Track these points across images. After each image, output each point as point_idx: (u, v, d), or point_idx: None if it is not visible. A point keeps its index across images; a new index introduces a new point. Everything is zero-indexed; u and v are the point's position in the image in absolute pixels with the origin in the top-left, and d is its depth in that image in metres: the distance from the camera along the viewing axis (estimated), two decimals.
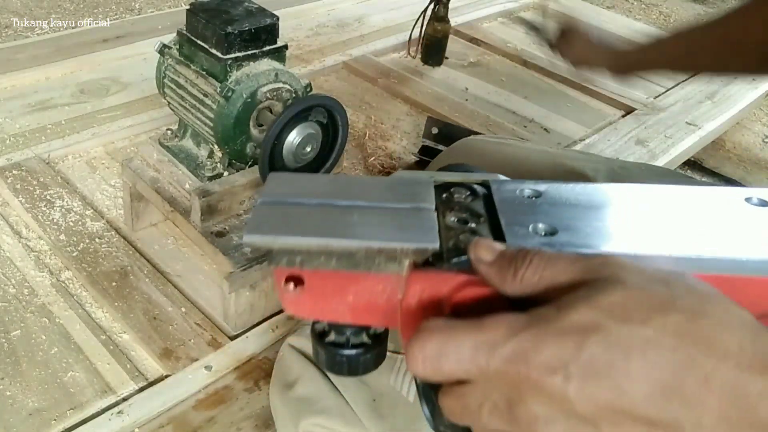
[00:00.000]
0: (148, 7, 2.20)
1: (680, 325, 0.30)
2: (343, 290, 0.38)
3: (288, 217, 0.38)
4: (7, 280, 0.89)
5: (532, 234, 0.38)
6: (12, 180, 1.04)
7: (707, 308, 0.31)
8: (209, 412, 0.76)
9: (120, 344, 0.83)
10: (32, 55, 1.40)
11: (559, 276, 0.33)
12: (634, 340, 0.30)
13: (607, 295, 0.31)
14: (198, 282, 0.93)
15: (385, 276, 0.37)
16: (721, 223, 0.39)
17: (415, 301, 0.37)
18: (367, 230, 0.37)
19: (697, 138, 1.42)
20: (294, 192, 0.41)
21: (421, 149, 1.23)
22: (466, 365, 0.32)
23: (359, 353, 0.40)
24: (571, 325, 0.31)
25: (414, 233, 0.37)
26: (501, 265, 0.35)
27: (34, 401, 0.75)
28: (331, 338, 0.40)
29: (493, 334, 0.32)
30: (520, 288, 0.34)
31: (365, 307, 0.38)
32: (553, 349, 0.30)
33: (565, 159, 0.86)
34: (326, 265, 0.37)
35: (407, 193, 0.41)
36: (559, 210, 0.41)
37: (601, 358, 0.30)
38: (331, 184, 0.42)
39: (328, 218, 0.38)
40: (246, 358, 0.83)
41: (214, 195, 0.85)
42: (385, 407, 0.60)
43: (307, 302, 0.38)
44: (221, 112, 0.83)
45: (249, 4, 0.87)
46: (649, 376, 0.29)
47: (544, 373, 0.30)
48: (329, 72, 1.52)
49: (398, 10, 1.83)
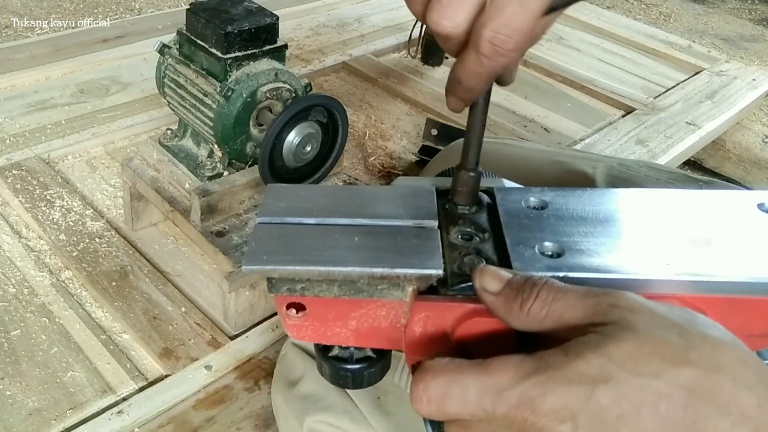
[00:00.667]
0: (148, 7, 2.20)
1: (694, 380, 0.29)
2: (346, 316, 0.37)
3: (287, 242, 0.37)
4: (7, 279, 0.89)
5: (539, 255, 0.37)
6: (12, 180, 1.04)
7: (722, 361, 0.30)
8: (209, 412, 0.76)
9: (120, 344, 0.83)
10: (32, 55, 1.40)
11: (567, 313, 0.32)
12: (645, 393, 0.29)
13: (617, 344, 0.30)
14: (198, 282, 0.93)
15: (388, 302, 0.36)
16: (731, 235, 0.38)
17: (419, 327, 0.36)
18: (368, 255, 0.36)
19: (697, 138, 1.42)
20: (292, 208, 0.40)
21: (421, 149, 1.23)
22: (472, 408, 0.32)
23: (363, 367, 0.40)
24: (580, 374, 0.30)
25: (417, 259, 0.36)
26: (507, 296, 0.34)
27: (34, 401, 0.75)
28: (335, 352, 0.40)
29: (499, 379, 0.31)
30: (527, 321, 0.33)
31: (368, 332, 0.38)
32: (562, 397, 0.30)
33: (563, 157, 0.85)
34: (328, 293, 0.36)
35: (410, 206, 0.40)
36: (565, 225, 0.39)
37: (610, 410, 0.29)
38: (331, 198, 0.41)
39: (328, 241, 0.37)
40: (246, 357, 0.83)
41: (214, 195, 0.85)
42: (390, 405, 0.60)
43: (310, 328, 0.38)
44: (221, 111, 0.83)
45: (249, 4, 0.87)
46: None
47: (552, 422, 0.30)
48: (329, 72, 1.52)
49: (398, 10, 1.82)
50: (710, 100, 1.56)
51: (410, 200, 0.41)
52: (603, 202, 0.41)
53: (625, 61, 1.71)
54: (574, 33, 1.87)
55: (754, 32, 2.30)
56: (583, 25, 1.90)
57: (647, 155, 1.32)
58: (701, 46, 1.90)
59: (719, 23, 2.57)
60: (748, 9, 2.76)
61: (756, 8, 2.77)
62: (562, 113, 1.45)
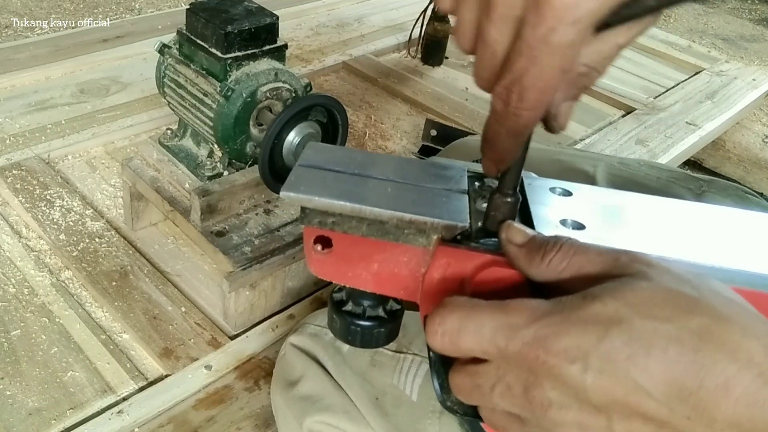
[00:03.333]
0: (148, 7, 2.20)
1: (705, 326, 0.30)
2: (369, 257, 0.38)
3: (325, 181, 0.39)
4: (7, 279, 0.89)
5: (561, 226, 0.39)
6: (12, 180, 1.04)
7: (732, 313, 0.30)
8: (209, 412, 0.76)
9: (120, 344, 0.83)
10: (32, 55, 1.40)
11: (586, 266, 0.33)
12: (656, 336, 0.30)
13: (633, 290, 0.31)
14: (198, 281, 0.93)
15: (411, 248, 0.37)
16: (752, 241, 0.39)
17: (438, 275, 0.38)
18: (400, 202, 0.37)
19: (697, 138, 1.42)
20: (332, 160, 0.41)
21: (421, 149, 1.23)
22: (485, 345, 0.32)
23: (374, 325, 0.41)
24: (595, 316, 0.31)
25: (445, 210, 0.37)
26: (531, 247, 0.35)
27: (34, 401, 0.75)
28: (348, 308, 0.41)
29: (515, 317, 0.32)
30: (546, 272, 0.34)
31: (388, 277, 0.39)
32: (575, 337, 0.30)
33: (563, 156, 0.85)
34: (357, 230, 0.37)
35: (441, 176, 0.41)
36: (588, 209, 0.41)
37: (621, 351, 0.30)
38: (367, 159, 0.43)
39: (363, 187, 0.38)
40: (246, 357, 0.83)
41: (214, 194, 0.85)
42: (389, 405, 0.60)
43: (333, 265, 0.39)
44: (221, 111, 0.83)
45: (249, 4, 0.87)
46: (668, 375, 0.29)
47: (563, 361, 0.30)
48: (329, 72, 1.52)
49: (398, 10, 1.83)
50: (710, 100, 1.56)
51: (442, 171, 0.42)
52: (625, 200, 0.43)
53: (625, 61, 1.71)
54: None
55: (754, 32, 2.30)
56: None
57: (647, 155, 1.32)
58: (701, 46, 1.90)
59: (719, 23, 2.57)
60: (748, 9, 2.76)
61: (756, 8, 2.77)
62: None
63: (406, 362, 0.62)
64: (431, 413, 0.58)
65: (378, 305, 0.41)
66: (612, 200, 0.43)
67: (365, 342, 0.41)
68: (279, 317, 0.88)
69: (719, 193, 0.77)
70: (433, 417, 0.57)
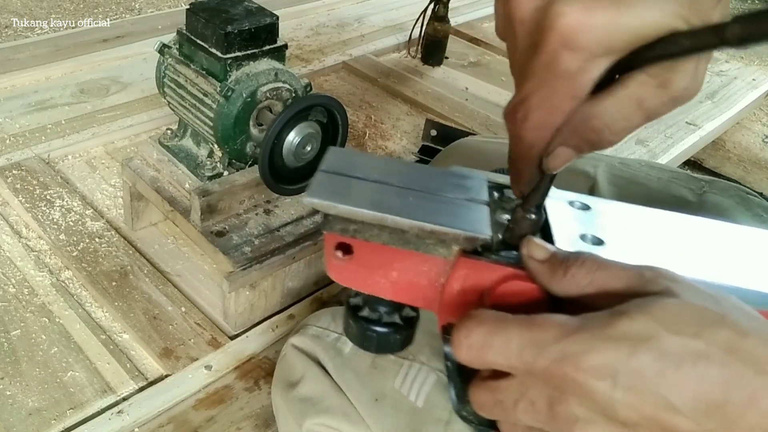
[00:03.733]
0: (148, 7, 2.20)
1: (731, 340, 0.30)
2: (389, 265, 0.38)
3: (348, 188, 0.39)
4: (7, 279, 0.89)
5: (580, 242, 0.39)
6: (12, 180, 1.04)
7: (756, 327, 0.31)
8: (209, 412, 0.76)
9: (120, 344, 0.83)
10: (32, 55, 1.40)
11: (610, 281, 0.33)
12: (685, 352, 0.30)
13: (661, 307, 0.31)
14: (198, 282, 0.93)
15: (432, 257, 0.37)
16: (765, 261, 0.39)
17: (458, 286, 0.38)
18: (421, 212, 0.37)
19: (697, 138, 1.42)
20: (354, 166, 0.41)
21: (421, 149, 1.23)
22: (513, 360, 0.32)
23: (390, 332, 0.41)
24: (624, 333, 0.30)
25: (466, 221, 0.37)
26: (553, 263, 0.35)
27: (34, 401, 0.75)
28: (364, 313, 0.41)
29: (543, 333, 0.32)
30: (569, 287, 0.34)
31: (407, 286, 0.39)
32: (604, 354, 0.30)
33: None
34: (378, 238, 0.37)
35: (462, 186, 0.42)
36: (607, 224, 0.41)
37: (650, 368, 0.30)
38: (389, 166, 0.43)
39: (385, 195, 0.39)
40: (246, 357, 0.83)
41: (214, 194, 0.85)
42: (388, 408, 0.60)
43: (353, 271, 0.39)
44: (221, 111, 0.83)
45: (249, 4, 0.87)
46: (697, 390, 0.29)
47: (592, 377, 0.30)
48: (329, 72, 1.52)
49: (398, 10, 1.83)
50: (710, 100, 1.56)
51: (463, 181, 0.42)
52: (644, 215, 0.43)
53: None
54: None
55: None
56: None
57: (647, 155, 1.32)
58: None
59: None
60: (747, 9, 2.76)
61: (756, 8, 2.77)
62: None
63: (412, 369, 0.61)
64: (436, 421, 0.58)
65: (394, 312, 0.41)
66: (630, 215, 0.43)
67: (381, 348, 0.41)
68: (279, 317, 0.88)
69: (720, 194, 0.77)
70: (438, 426, 0.57)
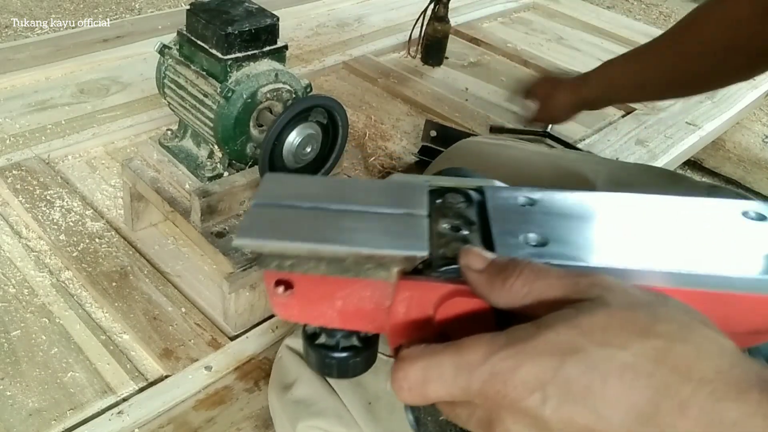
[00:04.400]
0: (148, 7, 2.20)
1: (658, 350, 0.30)
2: (332, 295, 0.38)
3: (279, 221, 0.38)
4: (7, 280, 0.89)
5: (523, 244, 0.38)
6: (12, 180, 1.04)
7: (687, 335, 0.31)
8: (209, 413, 0.76)
9: (120, 344, 0.83)
10: (32, 55, 1.40)
11: (548, 291, 0.33)
12: (612, 363, 0.30)
13: (588, 317, 0.31)
14: (198, 282, 0.93)
15: (373, 282, 0.37)
16: (715, 239, 0.39)
17: (403, 308, 0.37)
18: (357, 236, 0.37)
19: (697, 138, 1.42)
20: (288, 194, 0.40)
21: (421, 149, 1.23)
22: (450, 389, 0.32)
23: (349, 356, 0.40)
24: (550, 346, 0.31)
25: (404, 240, 0.37)
26: (491, 273, 0.34)
27: (34, 401, 0.75)
28: (321, 340, 0.40)
29: (471, 355, 0.32)
30: (509, 298, 0.34)
31: (354, 313, 0.38)
32: (531, 369, 0.30)
33: (564, 161, 0.85)
34: (315, 270, 0.37)
35: (401, 198, 0.41)
36: (551, 220, 0.40)
37: (579, 381, 0.30)
38: (326, 187, 0.42)
39: (319, 223, 0.38)
40: (246, 358, 0.83)
41: (214, 195, 0.85)
42: (382, 410, 0.60)
43: (297, 306, 0.38)
44: (221, 112, 0.83)
45: (249, 5, 0.87)
46: (626, 401, 0.29)
47: (522, 393, 0.30)
48: (329, 72, 1.52)
49: (398, 10, 1.83)
50: (710, 100, 1.56)
51: (402, 192, 0.42)
52: (590, 203, 0.43)
53: None
54: (574, 33, 1.87)
55: None
56: (583, 25, 1.90)
57: (647, 155, 1.32)
58: None
59: None
60: None
61: None
62: None
63: None
64: None
65: (351, 335, 0.40)
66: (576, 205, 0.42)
67: (342, 373, 0.41)
68: (279, 318, 0.88)
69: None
70: None
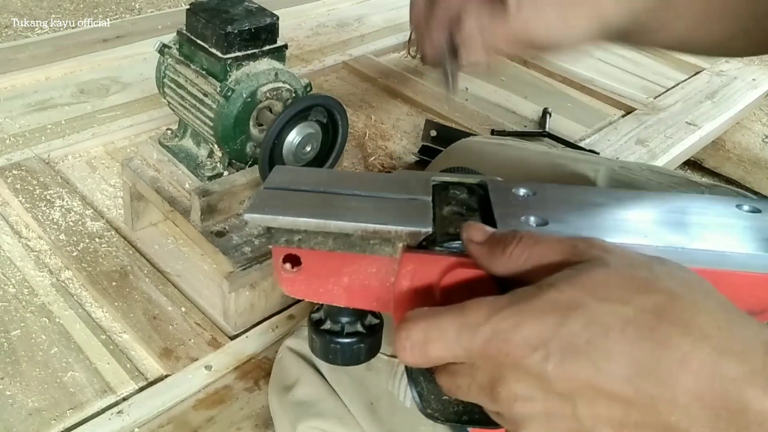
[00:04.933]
0: (148, 7, 2.20)
1: (659, 305, 0.30)
2: (339, 271, 0.39)
3: (289, 200, 0.39)
4: (7, 279, 0.89)
5: (524, 224, 0.39)
6: (12, 180, 1.04)
7: (686, 291, 0.31)
8: (209, 412, 0.76)
9: (120, 344, 0.83)
10: (32, 55, 1.40)
11: (547, 255, 0.34)
12: (613, 318, 0.30)
13: (589, 275, 0.32)
14: (198, 282, 0.93)
15: (379, 258, 0.38)
16: (710, 223, 0.40)
17: (407, 282, 0.38)
18: (363, 214, 0.38)
19: (697, 138, 1.42)
20: (296, 181, 0.42)
21: (421, 149, 1.23)
22: (452, 349, 0.33)
23: (353, 342, 0.41)
24: (552, 303, 0.31)
25: (409, 218, 0.38)
26: (491, 243, 0.35)
27: (34, 401, 0.75)
28: (327, 326, 0.41)
29: (474, 316, 0.32)
30: (509, 265, 0.35)
31: (359, 290, 0.39)
32: (533, 326, 0.31)
33: (564, 160, 0.85)
34: (323, 246, 0.38)
35: (406, 187, 0.42)
36: (551, 205, 0.42)
37: (580, 336, 0.30)
38: (333, 177, 0.44)
39: (327, 202, 0.39)
40: (246, 357, 0.83)
41: (214, 195, 0.85)
42: (383, 411, 0.60)
43: (304, 282, 0.39)
44: (221, 111, 0.83)
45: (249, 4, 0.87)
46: (627, 355, 0.30)
47: (524, 351, 0.31)
48: (329, 72, 1.52)
49: (398, 10, 1.82)
50: (710, 100, 1.56)
51: (407, 181, 0.43)
52: (588, 195, 0.44)
53: (625, 61, 1.71)
54: None
55: None
56: None
57: (647, 155, 1.32)
58: None
59: None
60: None
61: None
62: (562, 113, 1.45)
63: (401, 367, 0.62)
64: (427, 420, 0.58)
65: (356, 321, 0.41)
66: (576, 197, 0.43)
67: (346, 359, 0.41)
68: (279, 317, 0.88)
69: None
70: (428, 424, 0.57)
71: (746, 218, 0.40)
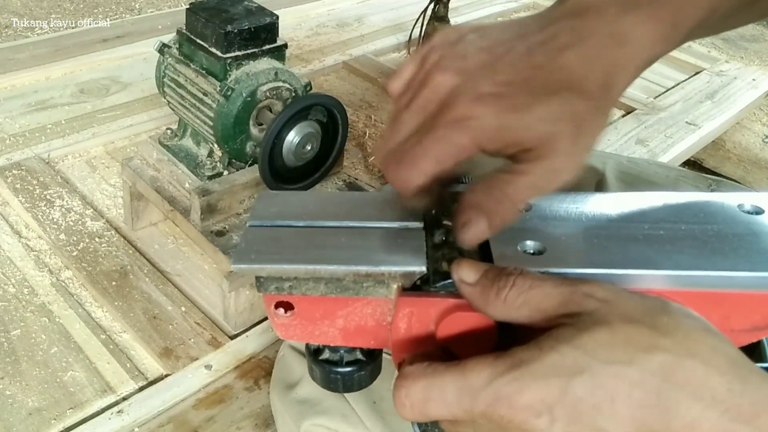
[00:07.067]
0: (148, 7, 2.20)
1: (665, 365, 0.29)
2: (333, 314, 0.37)
3: (276, 243, 0.38)
4: (7, 279, 0.89)
5: (520, 253, 0.38)
6: (12, 180, 1.04)
7: (694, 347, 0.30)
8: (209, 412, 0.76)
9: (120, 343, 0.83)
10: (32, 55, 1.40)
11: (543, 301, 0.33)
12: (618, 381, 0.29)
13: (591, 335, 0.31)
14: (198, 281, 0.93)
15: (373, 299, 0.37)
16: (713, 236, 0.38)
17: (404, 324, 0.37)
18: (354, 254, 0.36)
19: (697, 138, 1.42)
20: (283, 213, 0.40)
21: None
22: (453, 410, 0.32)
23: (353, 370, 0.40)
24: (555, 367, 0.30)
25: (401, 256, 0.37)
26: (484, 285, 0.34)
27: (34, 401, 0.75)
28: (325, 356, 0.40)
29: (475, 378, 0.31)
30: (504, 310, 0.34)
31: (355, 330, 0.38)
32: (537, 391, 0.30)
33: None
34: (315, 291, 0.36)
35: (396, 210, 0.40)
36: (547, 225, 0.40)
37: (586, 401, 0.29)
38: (320, 203, 0.42)
39: (316, 242, 0.38)
40: (246, 357, 0.83)
41: (214, 194, 0.85)
42: (387, 410, 0.60)
43: (298, 326, 0.38)
44: (221, 111, 0.83)
45: (248, 3, 0.87)
46: (635, 420, 0.29)
47: (529, 416, 0.30)
48: (329, 72, 1.52)
49: (398, 10, 1.83)
50: (710, 100, 1.56)
51: (397, 203, 0.41)
52: (585, 204, 0.42)
53: None
54: None
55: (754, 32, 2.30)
56: None
57: (647, 155, 1.32)
58: (701, 46, 1.90)
59: None
60: None
61: None
62: None
63: None
64: None
65: (354, 349, 0.40)
66: (571, 207, 0.41)
67: (348, 387, 0.41)
68: None
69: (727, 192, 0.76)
70: None
71: (747, 224, 0.39)
